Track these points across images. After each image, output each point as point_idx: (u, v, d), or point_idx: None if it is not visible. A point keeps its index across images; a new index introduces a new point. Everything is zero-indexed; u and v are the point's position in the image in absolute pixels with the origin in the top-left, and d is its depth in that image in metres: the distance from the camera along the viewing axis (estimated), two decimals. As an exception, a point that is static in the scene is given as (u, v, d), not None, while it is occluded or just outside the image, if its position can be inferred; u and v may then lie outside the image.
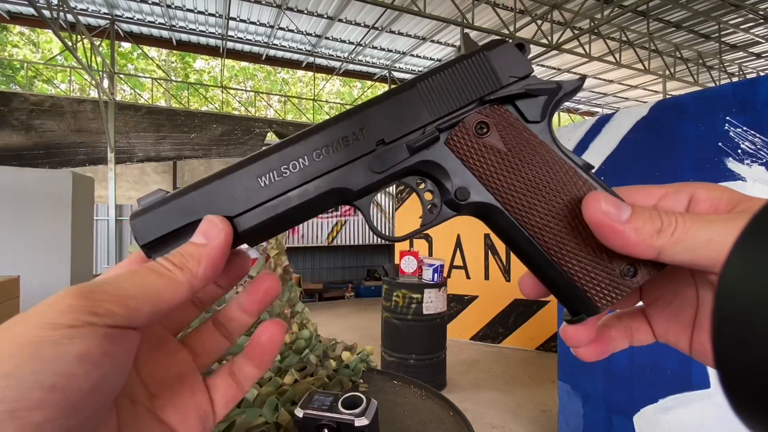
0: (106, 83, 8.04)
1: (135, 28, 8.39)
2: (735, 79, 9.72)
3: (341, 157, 0.26)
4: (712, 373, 1.85)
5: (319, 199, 0.26)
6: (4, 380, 0.16)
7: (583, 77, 0.29)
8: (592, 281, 0.25)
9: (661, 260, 0.23)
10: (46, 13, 5.59)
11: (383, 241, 8.77)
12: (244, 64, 12.75)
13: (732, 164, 1.82)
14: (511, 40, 0.29)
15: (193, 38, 8.75)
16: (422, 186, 0.29)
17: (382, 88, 13.94)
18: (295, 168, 0.26)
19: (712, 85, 9.44)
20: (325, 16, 7.66)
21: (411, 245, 5.22)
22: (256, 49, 9.17)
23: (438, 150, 0.27)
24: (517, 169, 0.26)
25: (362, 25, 7.95)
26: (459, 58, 0.28)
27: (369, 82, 11.57)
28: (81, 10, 7.60)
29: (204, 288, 0.23)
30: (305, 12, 7.50)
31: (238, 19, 7.84)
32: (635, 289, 0.25)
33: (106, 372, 0.18)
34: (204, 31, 8.40)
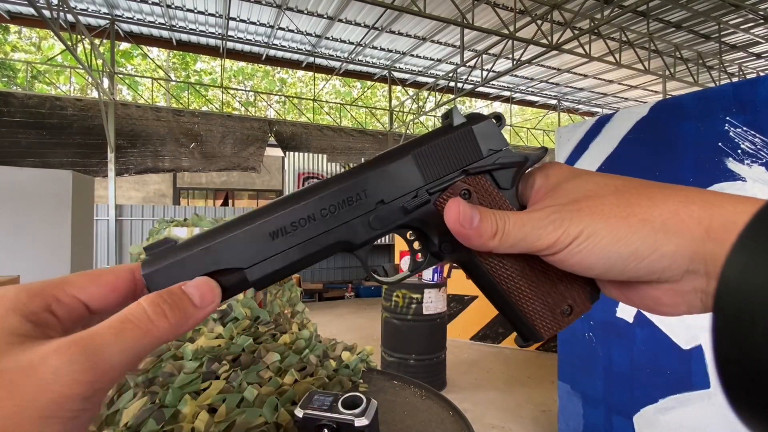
0: (106, 83, 8.05)
1: (135, 28, 8.39)
2: (735, 79, 9.72)
3: (346, 215, 0.30)
4: (712, 373, 1.85)
5: (324, 250, 0.31)
6: None
7: (545, 149, 0.33)
8: (540, 317, 0.32)
9: (498, 251, 0.29)
10: (46, 13, 5.60)
11: (383, 241, 8.77)
12: (243, 64, 12.75)
13: (732, 164, 1.82)
14: (491, 117, 0.33)
15: (193, 38, 8.76)
16: (412, 237, 0.34)
17: (382, 88, 13.95)
18: (304, 225, 0.30)
19: (712, 85, 9.44)
20: (325, 16, 7.66)
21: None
22: (256, 49, 9.18)
23: (428, 210, 0.32)
24: None
25: (362, 25, 7.95)
26: (448, 128, 0.33)
27: (369, 82, 11.57)
28: (81, 10, 7.60)
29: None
30: (305, 12, 7.51)
31: (238, 19, 7.84)
32: (570, 323, 0.33)
33: None
34: (204, 31, 8.40)
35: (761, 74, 9.19)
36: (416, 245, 0.34)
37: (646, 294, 0.27)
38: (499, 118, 0.33)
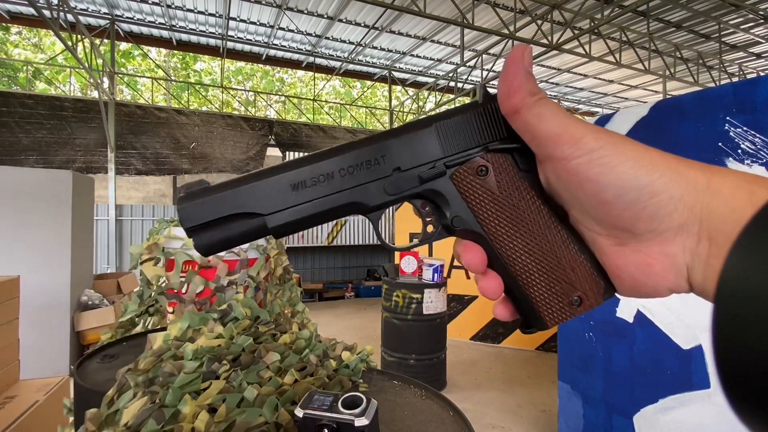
0: (106, 83, 8.05)
1: (135, 28, 8.39)
2: (735, 79, 9.72)
3: (363, 177, 0.31)
4: (712, 373, 1.85)
5: (339, 208, 0.32)
6: None
7: None
8: (547, 305, 0.31)
9: (518, 120, 0.29)
10: (46, 13, 5.60)
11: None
12: (243, 64, 12.75)
13: (732, 164, 1.82)
14: None
15: (193, 38, 8.76)
16: (426, 208, 0.34)
17: (382, 88, 13.94)
18: (323, 180, 0.31)
19: (712, 85, 9.44)
20: (325, 16, 7.66)
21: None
22: (256, 49, 9.18)
23: (443, 182, 0.32)
24: (505, 209, 0.32)
25: (362, 25, 7.95)
26: (474, 104, 0.33)
27: (369, 82, 11.57)
28: (81, 10, 7.60)
29: None
30: (305, 12, 7.50)
31: (238, 19, 7.84)
32: (578, 314, 0.32)
33: None
34: (204, 31, 8.40)
35: (761, 74, 9.19)
36: (428, 217, 0.34)
37: (637, 257, 0.27)
38: None
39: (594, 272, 0.30)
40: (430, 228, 0.34)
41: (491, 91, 0.32)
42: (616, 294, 0.31)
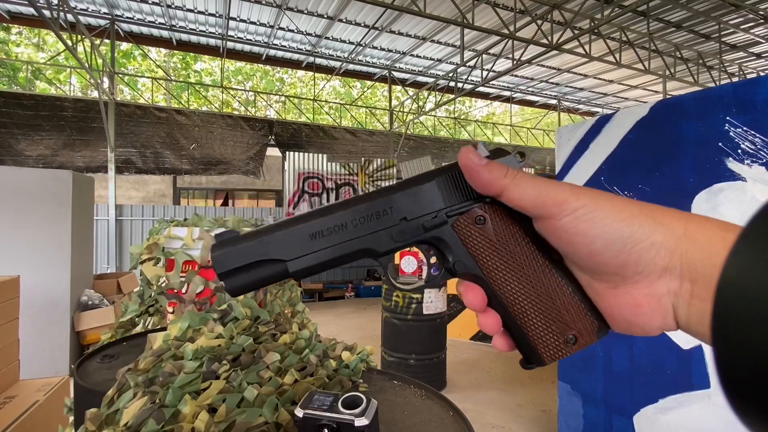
0: (106, 83, 8.05)
1: (135, 28, 8.39)
2: (735, 79, 9.72)
3: (373, 226, 0.36)
4: (712, 373, 1.85)
5: (352, 254, 0.36)
6: None
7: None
8: (544, 342, 0.34)
9: (503, 199, 0.32)
10: (46, 13, 5.60)
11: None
12: (243, 63, 12.75)
13: (732, 164, 1.82)
14: (514, 152, 0.36)
15: (193, 38, 8.76)
16: (430, 252, 0.38)
17: (382, 88, 13.94)
18: (338, 230, 0.35)
19: (712, 85, 9.44)
20: (325, 16, 7.66)
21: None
22: (256, 49, 9.18)
23: (446, 230, 0.36)
24: (502, 255, 0.34)
25: (362, 25, 7.95)
26: None
27: (369, 82, 11.57)
28: (81, 10, 7.60)
29: None
30: (305, 12, 7.50)
31: (238, 19, 7.84)
32: (574, 352, 0.34)
33: None
34: (204, 31, 8.40)
35: (761, 74, 9.18)
36: (433, 260, 0.38)
37: (628, 299, 0.29)
38: (522, 154, 0.36)
39: (588, 312, 0.33)
40: (435, 271, 0.38)
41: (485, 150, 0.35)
42: (608, 332, 0.33)
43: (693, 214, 0.28)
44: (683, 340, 1.99)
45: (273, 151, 10.26)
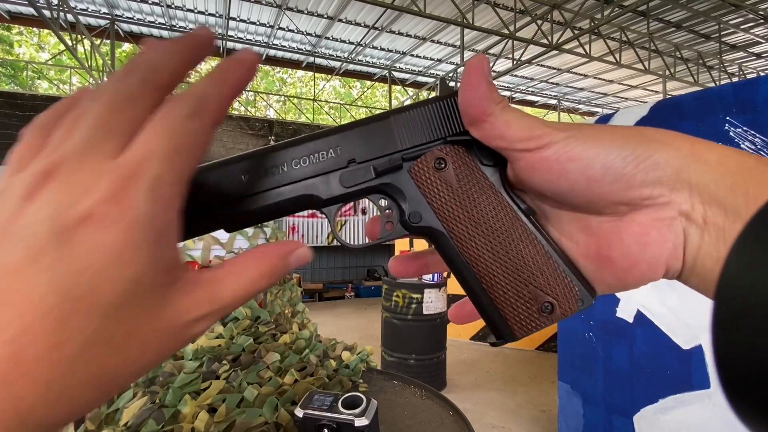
0: (106, 83, 8.04)
1: (135, 28, 8.39)
2: (735, 79, 9.73)
3: (316, 169, 0.30)
4: (712, 373, 1.85)
5: (289, 202, 0.29)
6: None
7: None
8: (514, 311, 0.29)
9: (480, 131, 0.28)
10: (46, 13, 5.60)
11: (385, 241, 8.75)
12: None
13: (732, 164, 1.82)
14: None
15: (193, 38, 8.76)
16: (383, 203, 0.32)
17: (382, 88, 13.93)
18: (275, 172, 0.29)
19: (712, 85, 9.44)
20: (325, 16, 7.66)
21: (411, 245, 5.22)
22: (256, 48, 9.17)
23: (401, 176, 0.31)
24: (464, 204, 0.30)
25: (362, 25, 7.95)
26: (433, 99, 0.31)
27: (369, 82, 11.57)
28: (81, 10, 7.60)
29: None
30: (305, 12, 7.51)
31: (238, 19, 7.84)
32: (550, 323, 0.29)
33: None
34: (204, 31, 8.40)
35: (761, 74, 9.19)
36: (388, 214, 0.32)
37: (634, 227, 0.26)
38: None
39: (566, 275, 0.28)
40: (389, 226, 0.32)
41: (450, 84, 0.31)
42: (593, 302, 0.29)
43: (698, 138, 0.25)
44: (683, 340, 1.99)
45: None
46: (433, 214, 0.30)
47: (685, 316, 2.00)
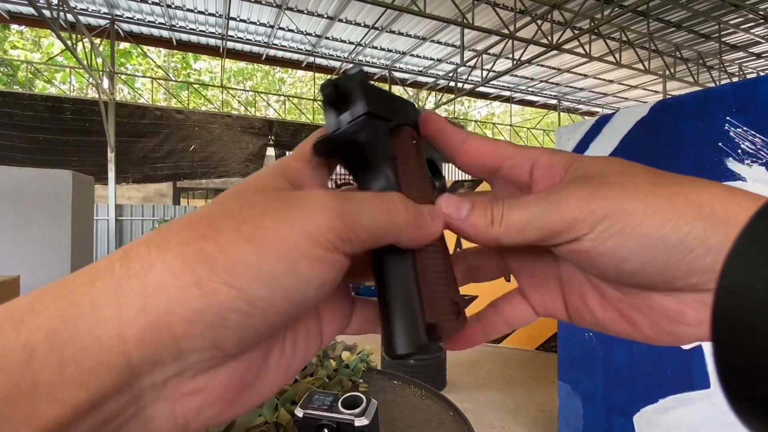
0: (106, 83, 8.05)
1: (135, 28, 8.39)
2: (735, 79, 9.73)
3: None
4: (712, 373, 1.85)
5: None
6: (267, 284, 0.17)
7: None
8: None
9: (504, 245, 0.24)
10: (46, 12, 5.60)
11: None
12: (243, 63, 12.75)
13: (732, 164, 1.82)
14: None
15: (193, 38, 8.76)
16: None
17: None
18: None
19: (712, 85, 9.44)
20: (325, 16, 7.66)
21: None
22: (256, 49, 9.18)
23: (381, 137, 0.26)
24: (420, 187, 0.26)
25: (362, 25, 7.95)
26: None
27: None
28: (81, 9, 7.60)
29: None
30: (305, 12, 7.51)
31: (238, 18, 7.84)
32: (440, 343, 0.23)
33: (320, 298, 0.19)
34: (204, 31, 8.40)
35: (761, 74, 9.18)
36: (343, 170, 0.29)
37: (668, 304, 0.22)
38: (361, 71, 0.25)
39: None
40: None
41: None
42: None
43: (729, 187, 0.20)
44: (683, 340, 1.99)
45: (273, 151, 10.26)
46: (396, 185, 0.27)
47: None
